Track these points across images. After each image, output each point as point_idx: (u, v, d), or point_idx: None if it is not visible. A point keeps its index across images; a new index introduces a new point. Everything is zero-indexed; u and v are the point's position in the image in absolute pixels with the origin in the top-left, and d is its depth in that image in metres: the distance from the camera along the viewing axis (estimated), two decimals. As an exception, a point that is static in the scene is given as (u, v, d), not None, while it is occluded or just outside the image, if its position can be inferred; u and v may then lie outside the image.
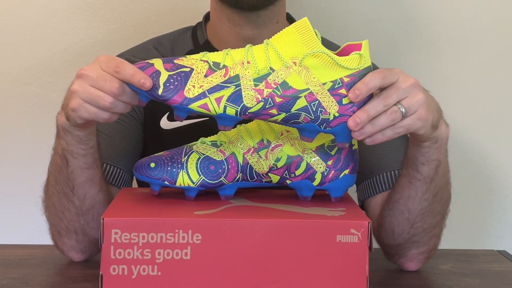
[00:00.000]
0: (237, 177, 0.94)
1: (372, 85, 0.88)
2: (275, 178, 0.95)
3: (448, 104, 1.52)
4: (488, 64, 1.53)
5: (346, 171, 0.96)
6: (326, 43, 1.24)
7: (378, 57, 1.29)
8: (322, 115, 0.88)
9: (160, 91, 0.86)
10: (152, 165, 0.93)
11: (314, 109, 0.87)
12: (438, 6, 1.52)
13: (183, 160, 0.94)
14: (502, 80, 1.54)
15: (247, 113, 0.87)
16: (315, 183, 0.95)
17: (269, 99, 0.87)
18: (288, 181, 0.96)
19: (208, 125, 1.16)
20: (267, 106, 0.87)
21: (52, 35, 1.50)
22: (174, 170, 0.93)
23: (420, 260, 1.09)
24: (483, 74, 1.54)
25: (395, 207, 1.04)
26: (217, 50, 1.21)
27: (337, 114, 0.88)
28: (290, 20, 1.26)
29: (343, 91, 0.88)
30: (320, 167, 0.95)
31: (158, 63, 0.88)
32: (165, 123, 1.20)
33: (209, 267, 0.84)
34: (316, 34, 0.88)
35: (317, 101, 0.87)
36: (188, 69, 0.88)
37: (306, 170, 0.95)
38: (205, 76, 0.87)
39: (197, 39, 1.24)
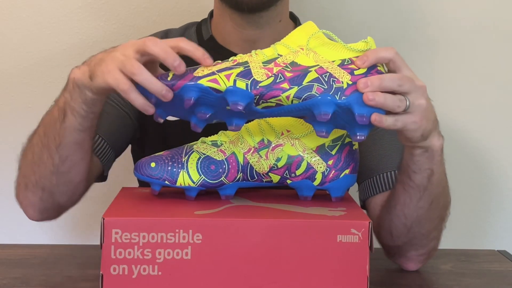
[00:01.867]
0: (238, 177, 0.94)
1: (382, 54, 0.88)
2: (275, 178, 0.95)
3: (448, 104, 1.54)
4: (488, 64, 1.53)
5: (347, 171, 0.96)
6: None
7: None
8: (335, 84, 0.87)
9: (169, 78, 0.87)
10: (153, 164, 0.93)
11: (326, 79, 0.87)
12: (438, 6, 1.52)
13: (183, 159, 0.94)
14: (502, 79, 1.54)
15: (258, 86, 0.86)
16: (316, 183, 0.95)
17: (279, 74, 0.87)
18: (288, 181, 0.96)
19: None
20: (278, 81, 0.87)
21: (52, 35, 1.50)
22: (175, 169, 0.93)
23: (420, 260, 1.09)
24: (483, 74, 1.54)
25: (392, 212, 1.04)
26: (222, 46, 1.22)
27: (350, 82, 0.87)
28: (293, 18, 1.27)
29: (353, 66, 0.88)
30: (321, 167, 0.95)
31: (171, 72, 0.88)
32: None
33: (210, 267, 0.84)
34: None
35: (328, 73, 0.87)
36: (198, 65, 0.89)
37: (306, 170, 0.95)
38: (214, 64, 0.88)
39: (202, 34, 1.25)
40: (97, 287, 0.84)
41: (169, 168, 0.93)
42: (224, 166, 0.93)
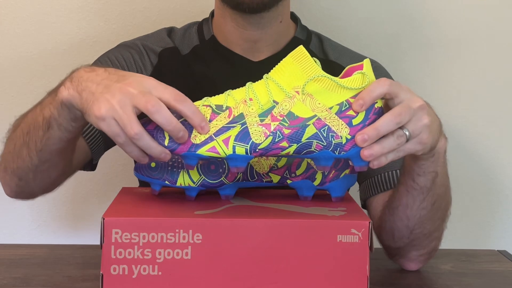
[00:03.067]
0: (238, 176, 0.94)
1: (377, 93, 0.85)
2: (275, 178, 0.95)
3: (448, 103, 1.54)
4: (488, 63, 1.53)
5: (347, 171, 0.95)
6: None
7: (378, 57, 1.29)
8: (334, 139, 0.85)
9: (166, 142, 0.84)
10: (153, 164, 0.93)
11: (325, 135, 0.85)
12: (438, 5, 1.52)
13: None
14: (503, 79, 1.54)
15: (257, 149, 0.85)
16: (316, 182, 0.95)
17: (277, 132, 0.85)
18: (288, 181, 0.95)
19: None
20: (276, 140, 0.85)
21: (52, 35, 1.50)
22: (175, 169, 0.93)
23: (421, 260, 1.10)
24: (483, 73, 1.54)
25: (394, 213, 1.04)
26: (223, 46, 1.22)
27: (349, 137, 0.85)
28: (294, 19, 1.26)
29: (351, 112, 0.86)
30: (321, 167, 0.94)
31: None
32: None
33: (210, 267, 0.84)
34: (315, 61, 0.87)
35: (326, 126, 0.85)
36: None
37: (306, 170, 0.95)
38: (210, 121, 0.85)
39: (203, 34, 1.25)
40: (97, 287, 0.84)
41: (169, 168, 0.93)
42: (224, 166, 0.93)
